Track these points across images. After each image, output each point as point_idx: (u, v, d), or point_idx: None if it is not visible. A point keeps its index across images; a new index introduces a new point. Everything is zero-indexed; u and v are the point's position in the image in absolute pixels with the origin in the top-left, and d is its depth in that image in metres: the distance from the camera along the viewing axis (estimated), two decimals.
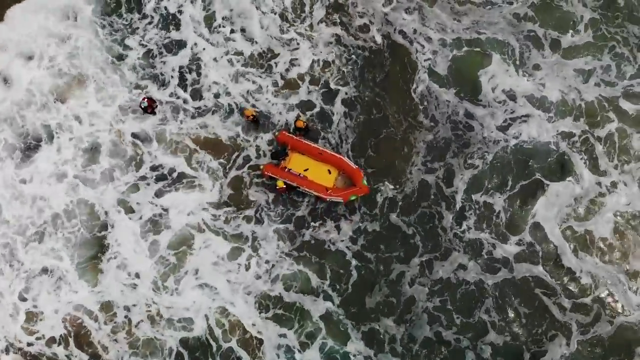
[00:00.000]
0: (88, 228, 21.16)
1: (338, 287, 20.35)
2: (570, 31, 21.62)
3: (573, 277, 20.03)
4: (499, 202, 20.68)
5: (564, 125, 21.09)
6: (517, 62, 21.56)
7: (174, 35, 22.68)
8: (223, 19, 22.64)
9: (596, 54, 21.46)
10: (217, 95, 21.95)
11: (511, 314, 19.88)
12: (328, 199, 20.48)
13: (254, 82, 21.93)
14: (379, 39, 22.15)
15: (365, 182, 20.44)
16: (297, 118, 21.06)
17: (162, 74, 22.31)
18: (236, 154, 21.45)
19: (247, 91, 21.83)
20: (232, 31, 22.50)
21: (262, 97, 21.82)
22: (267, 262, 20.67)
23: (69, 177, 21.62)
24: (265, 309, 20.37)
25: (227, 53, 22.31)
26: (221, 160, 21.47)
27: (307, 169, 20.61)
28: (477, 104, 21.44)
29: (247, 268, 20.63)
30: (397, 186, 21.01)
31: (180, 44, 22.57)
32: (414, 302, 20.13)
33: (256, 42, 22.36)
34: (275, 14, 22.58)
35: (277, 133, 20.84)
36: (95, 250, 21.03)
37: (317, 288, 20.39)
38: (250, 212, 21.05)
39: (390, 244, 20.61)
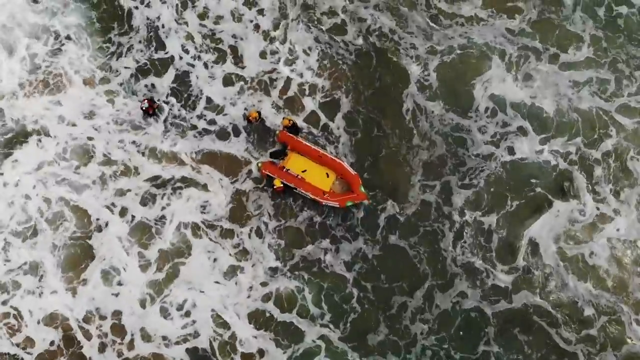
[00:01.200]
0: (74, 232, 20.50)
1: (340, 324, 19.88)
2: (570, 49, 21.83)
3: (575, 307, 19.78)
4: (495, 225, 20.49)
5: (560, 141, 21.13)
6: (513, 73, 21.63)
7: (163, 56, 22.26)
8: (211, 40, 22.36)
9: (596, 69, 21.65)
10: (212, 121, 21.56)
11: (514, 345, 19.55)
12: (324, 203, 20.24)
13: (251, 103, 21.67)
14: (360, 41, 22.15)
15: (363, 189, 20.28)
16: (283, 117, 20.91)
17: (155, 95, 21.87)
18: (239, 168, 21.10)
19: (246, 108, 21.60)
20: (220, 51, 22.20)
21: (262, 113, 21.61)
22: (264, 279, 20.19)
23: (55, 178, 21.00)
24: (261, 326, 19.85)
25: (219, 74, 21.96)
26: (222, 174, 21.07)
27: (305, 171, 20.43)
28: (469, 119, 21.38)
29: (244, 283, 20.16)
30: (398, 210, 20.69)
31: (169, 65, 22.14)
32: (416, 339, 19.68)
33: (244, 62, 22.09)
34: (257, 32, 22.36)
35: (277, 132, 20.78)
36: (82, 257, 20.32)
37: (317, 317, 19.90)
38: (248, 227, 20.62)
39: (391, 272, 20.21)
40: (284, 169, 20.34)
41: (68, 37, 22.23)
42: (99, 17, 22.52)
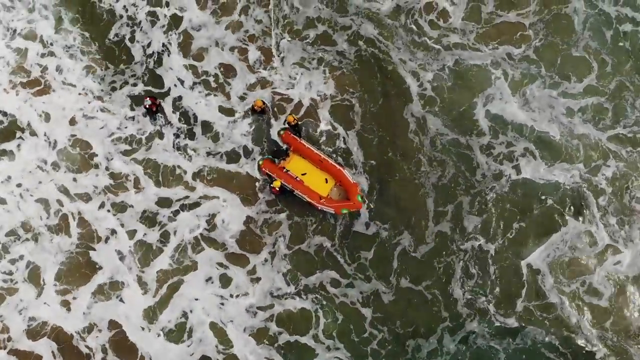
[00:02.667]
0: (74, 243, 20.79)
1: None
2: (574, 74, 21.46)
3: (583, 345, 19.27)
4: (501, 256, 20.06)
5: (562, 167, 20.74)
6: (516, 95, 21.32)
7: (162, 90, 22.11)
8: (205, 73, 22.28)
9: (598, 97, 21.23)
10: (218, 145, 21.60)
11: None
12: (320, 208, 20.23)
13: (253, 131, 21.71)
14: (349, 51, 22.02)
15: (360, 198, 20.20)
16: (289, 114, 21.09)
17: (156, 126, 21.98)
18: (251, 188, 21.19)
19: (248, 132, 21.64)
20: (206, 84, 22.11)
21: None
22: (272, 302, 20.29)
23: (50, 183, 21.26)
24: (268, 345, 19.89)
25: (215, 104, 21.91)
26: (233, 194, 21.14)
27: (305, 174, 20.66)
28: (473, 139, 21.15)
29: (251, 305, 20.26)
30: (412, 247, 20.44)
31: (168, 96, 22.09)
32: None
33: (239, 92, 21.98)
34: (246, 62, 22.21)
35: (282, 132, 21.22)
36: (82, 269, 20.59)
37: (331, 349, 19.80)
38: (259, 249, 20.67)
39: (405, 317, 20.00)
40: (284, 170, 20.67)
41: (67, 50, 22.45)
42: (96, 47, 22.68)
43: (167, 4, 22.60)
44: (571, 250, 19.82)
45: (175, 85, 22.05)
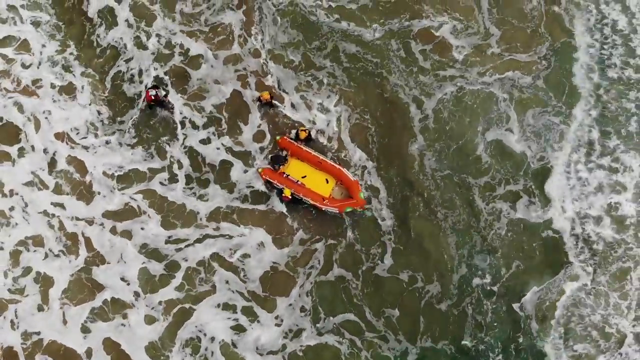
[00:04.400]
0: (78, 265, 20.75)
1: None
2: (578, 104, 21.29)
3: None
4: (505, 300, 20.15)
5: (557, 207, 20.63)
6: (520, 128, 21.16)
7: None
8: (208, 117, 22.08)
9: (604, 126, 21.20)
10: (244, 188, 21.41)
11: None
12: (324, 209, 20.37)
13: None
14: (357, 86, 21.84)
15: (362, 195, 20.39)
16: (300, 129, 20.95)
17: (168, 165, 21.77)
18: (280, 226, 20.95)
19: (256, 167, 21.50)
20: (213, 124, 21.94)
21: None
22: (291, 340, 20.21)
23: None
24: None
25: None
26: (261, 230, 20.96)
27: (305, 177, 20.71)
28: (477, 175, 20.96)
29: (272, 344, 20.18)
30: (435, 300, 20.22)
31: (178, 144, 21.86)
32: None
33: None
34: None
35: (278, 138, 21.11)
36: (90, 289, 20.57)
37: None
38: (283, 288, 20.52)
39: None
40: (284, 175, 20.65)
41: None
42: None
43: (169, 45, 22.56)
44: (569, 301, 19.78)
45: (183, 126, 21.78)
